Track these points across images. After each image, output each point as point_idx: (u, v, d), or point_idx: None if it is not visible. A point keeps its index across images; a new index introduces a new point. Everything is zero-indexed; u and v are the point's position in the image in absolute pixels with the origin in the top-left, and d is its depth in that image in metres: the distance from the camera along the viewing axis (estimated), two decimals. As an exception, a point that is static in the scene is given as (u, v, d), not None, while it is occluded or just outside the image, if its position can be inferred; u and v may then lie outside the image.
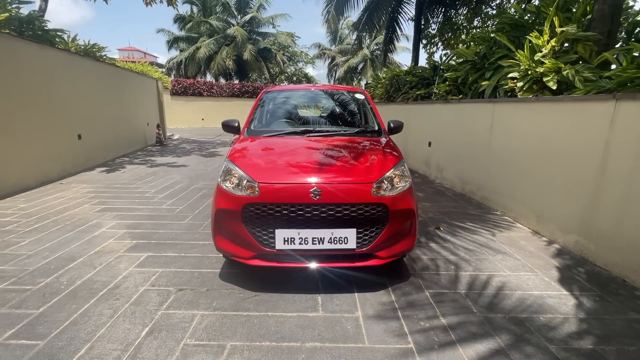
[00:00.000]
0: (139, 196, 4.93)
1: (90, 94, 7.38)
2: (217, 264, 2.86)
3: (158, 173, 6.63)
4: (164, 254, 3.05)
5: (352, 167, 2.46)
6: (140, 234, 3.50)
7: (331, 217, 2.24)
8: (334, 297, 2.39)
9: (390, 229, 2.34)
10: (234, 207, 2.30)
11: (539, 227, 3.68)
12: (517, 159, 4.04)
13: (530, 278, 2.71)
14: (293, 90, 4.13)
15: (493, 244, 3.40)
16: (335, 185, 2.27)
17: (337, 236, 2.25)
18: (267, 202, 2.25)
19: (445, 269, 2.85)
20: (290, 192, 2.24)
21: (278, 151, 2.72)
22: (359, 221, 2.28)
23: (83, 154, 6.88)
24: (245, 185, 2.32)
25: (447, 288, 2.55)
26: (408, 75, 8.84)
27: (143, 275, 2.66)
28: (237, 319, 2.13)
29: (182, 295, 2.39)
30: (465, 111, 5.40)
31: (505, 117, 4.35)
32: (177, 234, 3.52)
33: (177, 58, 25.96)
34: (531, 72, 4.34)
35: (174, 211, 4.26)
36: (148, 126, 11.21)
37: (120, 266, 2.80)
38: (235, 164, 2.46)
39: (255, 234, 2.30)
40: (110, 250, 3.09)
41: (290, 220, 2.25)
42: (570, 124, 3.31)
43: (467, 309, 2.28)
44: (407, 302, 2.36)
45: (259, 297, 2.37)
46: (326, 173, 2.35)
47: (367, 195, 2.26)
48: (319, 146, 2.77)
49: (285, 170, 2.40)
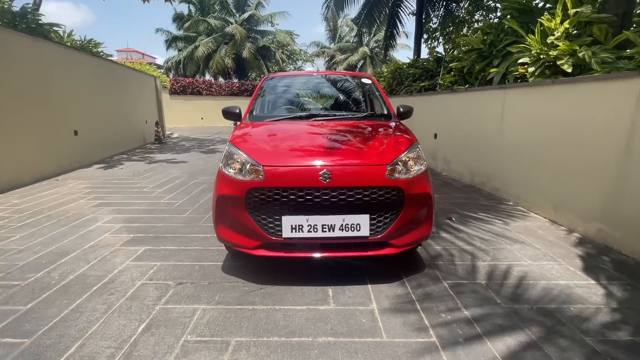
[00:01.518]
0: (137, 191, 4.76)
1: (87, 90, 7.21)
2: (219, 256, 2.69)
3: (157, 169, 6.46)
4: (163, 247, 2.88)
5: (364, 149, 2.29)
6: (138, 227, 3.33)
7: (342, 202, 2.07)
8: (345, 289, 2.22)
9: (406, 215, 2.16)
10: (237, 193, 2.13)
11: (556, 216, 3.51)
12: (532, 147, 3.87)
13: (554, 267, 2.53)
14: (296, 76, 3.95)
15: (509, 233, 3.23)
16: (346, 168, 2.09)
17: (349, 223, 2.08)
18: (273, 187, 2.07)
19: (461, 259, 2.68)
20: (298, 175, 2.07)
21: (283, 135, 2.54)
22: (372, 206, 2.10)
23: (80, 151, 6.70)
24: (249, 170, 2.15)
25: (466, 279, 2.37)
26: (411, 68, 8.67)
27: (140, 269, 2.49)
28: (241, 314, 1.95)
29: (181, 289, 2.22)
30: (474, 100, 5.22)
31: (517, 104, 4.17)
32: (177, 227, 3.35)
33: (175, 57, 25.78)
34: (544, 56, 4.17)
35: (173, 205, 4.09)
36: (147, 124, 11.04)
37: (116, 260, 2.63)
38: (237, 148, 2.29)
39: (260, 222, 2.13)
40: (106, 245, 2.92)
41: (298, 206, 2.08)
42: (590, 106, 3.13)
43: (489, 300, 2.11)
44: (424, 293, 2.18)
45: (264, 290, 2.20)
46: (336, 155, 2.17)
47: (381, 178, 2.09)
48: (327, 130, 2.60)
49: (292, 154, 2.23)
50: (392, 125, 2.79)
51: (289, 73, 4.09)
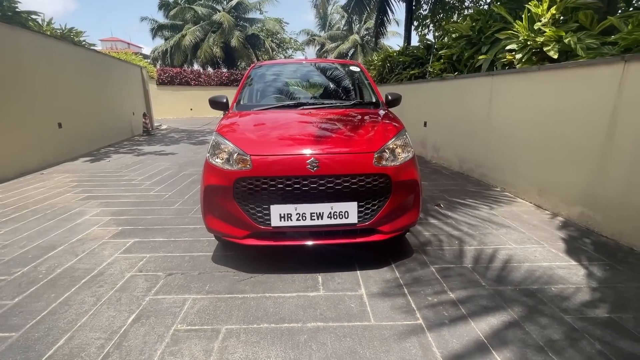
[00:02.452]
0: (125, 184, 4.70)
1: (69, 81, 7.00)
2: (210, 247, 2.69)
3: (145, 161, 6.37)
4: (152, 239, 2.86)
5: (351, 137, 2.29)
6: (127, 220, 3.30)
7: (330, 190, 2.08)
8: (335, 276, 2.25)
9: (393, 201, 2.19)
10: (225, 183, 2.12)
11: (541, 200, 3.59)
12: (518, 133, 3.92)
13: (537, 250, 2.61)
14: (284, 64, 3.90)
15: (495, 218, 3.29)
16: (333, 156, 2.10)
17: (337, 210, 2.09)
18: (260, 176, 2.07)
19: (449, 244, 2.74)
20: (285, 164, 2.07)
21: (270, 124, 2.53)
22: (360, 194, 2.12)
23: (65, 144, 6.56)
24: (236, 159, 2.14)
25: (453, 263, 2.43)
26: (401, 56, 8.62)
27: (129, 261, 2.48)
28: (232, 302, 1.97)
29: (171, 279, 2.22)
30: (463, 87, 5.24)
31: (504, 90, 4.21)
32: (166, 219, 3.33)
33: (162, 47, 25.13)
34: (530, 43, 4.18)
35: (163, 197, 4.06)
36: (134, 115, 10.83)
37: (105, 253, 2.61)
38: (224, 137, 2.27)
39: (248, 211, 2.13)
40: (94, 238, 2.89)
41: (286, 195, 2.09)
42: (574, 91, 3.17)
43: (475, 282, 2.17)
44: (412, 278, 2.23)
45: (255, 279, 2.22)
46: (323, 144, 2.17)
47: (369, 165, 2.10)
48: (314, 118, 2.59)
49: (279, 142, 2.22)
50: (380, 113, 2.80)
51: (277, 61, 4.03)
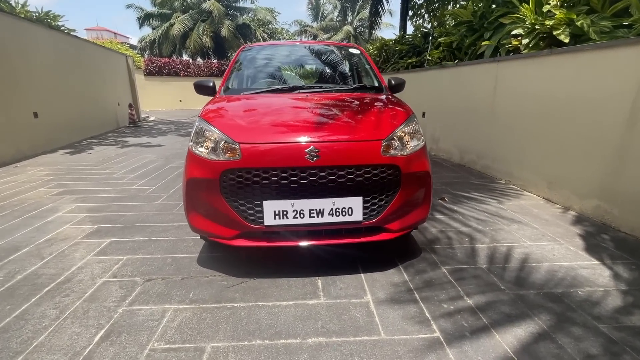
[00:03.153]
0: (106, 177, 4.36)
1: (46, 68, 6.55)
2: (195, 247, 2.42)
3: (130, 153, 6.00)
4: (131, 238, 2.57)
5: (355, 123, 2.02)
6: (104, 217, 2.99)
7: (332, 184, 1.82)
8: (336, 280, 2.00)
9: (403, 196, 1.94)
10: (210, 176, 1.84)
11: (551, 194, 3.39)
12: (526, 122, 3.70)
13: (555, 248, 2.40)
14: (277, 46, 3.59)
15: (505, 212, 3.08)
16: (335, 145, 1.83)
17: (340, 207, 1.84)
18: (252, 167, 1.79)
19: (459, 241, 2.51)
20: (281, 153, 1.79)
21: (263, 110, 2.23)
22: (365, 188, 1.86)
23: (42, 135, 6.14)
24: (223, 148, 1.85)
25: (466, 263, 2.20)
26: (397, 45, 8.34)
27: (103, 264, 2.19)
28: (219, 313, 1.71)
29: (150, 286, 1.94)
30: (464, 75, 4.99)
31: (511, 77, 3.97)
32: (148, 215, 3.04)
33: (149, 36, 24.30)
34: (539, 27, 3.95)
35: (146, 191, 3.74)
36: (119, 106, 10.35)
37: (75, 255, 2.31)
38: (209, 123, 1.98)
39: (237, 208, 1.86)
40: (65, 238, 2.58)
41: (282, 189, 1.82)
42: (590, 76, 2.95)
43: (493, 286, 1.94)
44: (423, 281, 2.00)
45: (246, 285, 1.96)
46: (324, 130, 1.90)
47: (376, 155, 1.84)
48: (312, 103, 2.31)
49: (273, 129, 1.94)
50: (385, 98, 2.53)
51: (268, 43, 3.71)
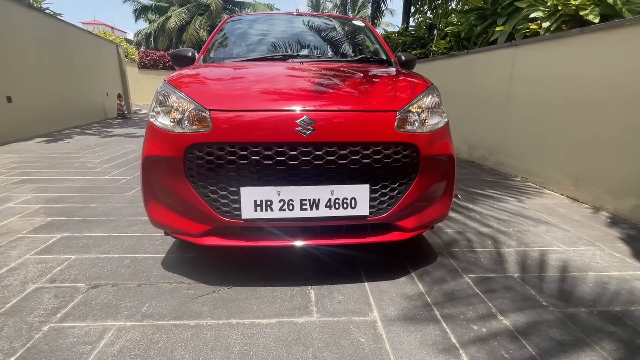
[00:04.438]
0: (78, 166, 3.92)
1: (25, 50, 6.08)
2: (162, 246, 1.99)
3: (111, 143, 5.55)
4: (87, 234, 2.14)
5: (362, 92, 1.60)
6: (62, 209, 2.56)
7: (331, 166, 1.40)
8: (333, 290, 1.58)
9: (420, 185, 1.53)
10: (172, 153, 1.41)
11: (577, 192, 2.99)
12: (548, 111, 3.31)
13: (596, 254, 1.99)
14: (270, 16, 3.16)
15: (527, 212, 2.68)
16: (337, 115, 1.41)
17: (341, 197, 1.42)
18: (225, 142, 1.37)
19: (481, 244, 2.10)
20: (264, 124, 1.37)
21: (248, 76, 1.80)
22: (374, 173, 1.44)
23: (16, 121, 5.67)
24: (190, 117, 1.43)
25: (493, 270, 1.79)
26: (401, 37, 7.96)
27: (42, 265, 1.75)
28: (177, 334, 1.28)
29: (94, 295, 1.51)
30: (475, 64, 4.60)
31: (531, 62, 3.58)
32: (115, 208, 2.60)
33: (145, 30, 23.81)
34: (562, 8, 3.56)
35: (118, 182, 3.30)
36: (108, 97, 9.88)
37: (12, 253, 1.87)
38: (175, 87, 1.55)
39: (207, 196, 1.43)
40: (7, 232, 2.14)
41: (265, 172, 1.39)
42: (630, 55, 2.56)
43: (532, 301, 1.53)
44: (443, 293, 1.58)
45: (218, 294, 1.54)
46: (322, 99, 1.48)
47: (389, 130, 1.42)
48: (310, 72, 1.88)
49: (256, 95, 1.51)
50: (396, 70, 2.10)
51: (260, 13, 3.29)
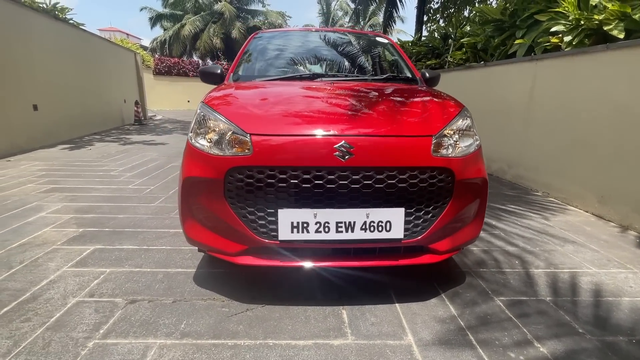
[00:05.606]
0: (102, 174, 4.02)
1: (50, 60, 6.29)
2: (192, 260, 2.03)
3: (131, 150, 5.68)
4: (119, 246, 2.19)
5: (397, 115, 1.62)
6: (92, 219, 2.63)
7: (367, 190, 1.42)
8: (365, 311, 1.60)
9: (454, 208, 1.54)
10: (213, 175, 1.45)
11: (602, 209, 2.95)
12: (571, 126, 3.28)
13: (629, 278, 1.96)
14: (293, 32, 3.23)
15: (552, 230, 2.65)
16: (374, 140, 1.44)
17: (376, 220, 1.44)
18: (265, 166, 1.41)
19: (508, 264, 2.09)
20: (303, 149, 1.41)
21: (279, 97, 1.85)
22: (409, 197, 1.46)
23: (41, 128, 5.85)
24: (231, 140, 1.47)
25: (524, 293, 1.78)
26: (415, 46, 7.98)
27: (80, 278, 1.81)
28: (217, 353, 1.31)
29: (133, 310, 1.56)
30: (493, 76, 4.59)
31: (553, 77, 3.56)
32: (142, 219, 2.66)
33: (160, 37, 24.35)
34: (584, 22, 3.54)
35: (143, 192, 3.38)
36: (125, 103, 10.12)
37: (50, 265, 1.94)
38: (214, 110, 1.60)
39: (246, 217, 1.47)
40: (43, 242, 2.22)
41: (302, 195, 1.42)
42: (659, 74, 2.53)
43: (567, 327, 1.52)
44: (475, 317, 1.58)
45: (252, 313, 1.56)
46: (359, 123, 1.51)
47: (425, 155, 1.44)
48: (340, 92, 1.92)
49: (293, 119, 1.55)
50: (425, 89, 2.13)
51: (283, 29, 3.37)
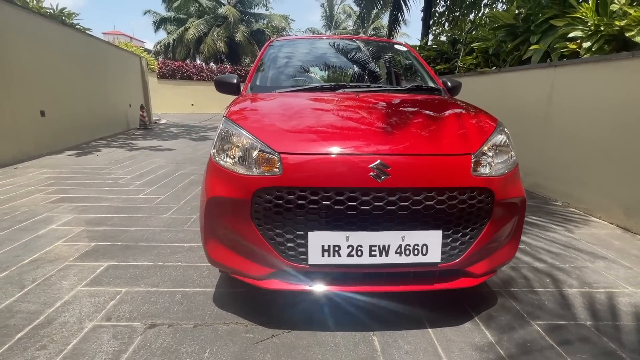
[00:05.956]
0: (111, 183, 3.95)
1: (57, 65, 6.26)
2: (211, 278, 1.95)
3: (138, 157, 5.62)
4: (133, 262, 2.12)
5: (431, 131, 1.54)
6: (104, 232, 2.56)
7: (403, 212, 1.34)
8: (397, 338, 1.51)
9: (492, 229, 1.45)
10: (240, 195, 1.37)
11: (629, 222, 2.85)
12: (594, 135, 3.19)
13: (669, 298, 1.87)
14: (309, 40, 3.16)
15: (579, 244, 2.56)
16: (412, 159, 1.36)
17: (412, 243, 1.35)
18: (297, 187, 1.33)
19: (540, 283, 1.99)
20: (336, 169, 1.32)
21: (307, 111, 1.76)
22: (447, 218, 1.38)
23: (48, 134, 5.81)
24: (258, 159, 1.39)
25: (561, 317, 1.69)
26: (423, 51, 7.92)
27: (95, 299, 1.73)
28: (246, 387, 1.23)
29: (153, 336, 1.48)
30: (507, 82, 4.51)
31: (573, 84, 3.47)
32: (155, 232, 2.59)
33: (164, 40, 24.41)
34: (604, 28, 3.47)
35: (153, 202, 3.31)
36: (130, 107, 10.08)
37: (64, 284, 1.86)
38: (238, 125, 1.52)
39: (273, 239, 1.39)
40: (55, 258, 2.14)
41: (334, 217, 1.34)
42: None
43: (614, 357, 1.42)
44: (515, 344, 1.49)
45: (278, 340, 1.48)
46: (394, 140, 1.42)
47: (465, 174, 1.36)
48: (367, 105, 1.84)
49: (325, 136, 1.46)
50: (454, 101, 2.04)
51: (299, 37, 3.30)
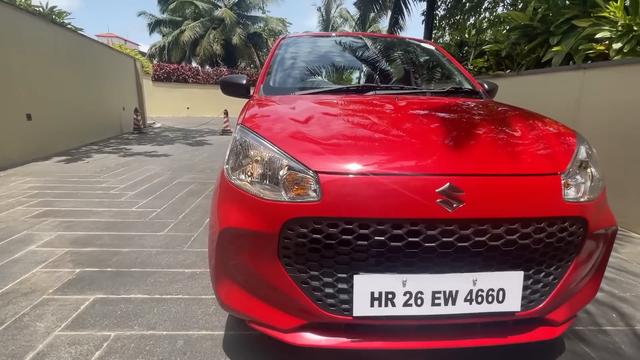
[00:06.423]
0: (101, 194, 3.61)
1: (45, 66, 5.90)
2: (218, 316, 1.63)
3: (132, 164, 5.26)
4: (125, 295, 1.79)
5: (505, 144, 1.22)
6: (90, 255, 2.22)
7: (477, 249, 1.04)
8: (459, 402, 1.20)
9: (579, 266, 1.15)
10: (265, 228, 1.05)
11: (677, 239, 2.59)
12: (632, 144, 2.93)
13: None
14: (326, 37, 2.86)
15: (631, 266, 2.28)
16: (490, 181, 1.05)
17: (485, 287, 1.05)
18: (341, 217, 1.01)
19: (606, 319, 1.70)
20: (393, 194, 1.01)
21: (344, 118, 1.43)
22: (530, 255, 1.08)
23: (35, 139, 5.44)
24: (290, 180, 1.08)
25: (647, 367, 1.40)
26: (428, 53, 7.70)
27: (77, 349, 1.40)
28: None
29: (149, 405, 1.15)
30: (529, 86, 4.26)
31: (607, 88, 3.22)
32: (150, 254, 2.26)
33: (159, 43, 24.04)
34: (638, 28, 3.24)
35: (148, 216, 2.97)
36: (124, 111, 9.72)
37: (39, 327, 1.52)
38: (258, 134, 1.21)
39: (306, 283, 1.07)
40: (31, 290, 1.81)
41: (389, 257, 1.03)
42: None
43: None
44: (606, 410, 1.19)
45: (310, 408, 1.16)
46: (463, 156, 1.11)
47: (556, 200, 1.06)
48: (412, 110, 1.54)
49: (372, 151, 1.14)
50: (507, 106, 1.74)
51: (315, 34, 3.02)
